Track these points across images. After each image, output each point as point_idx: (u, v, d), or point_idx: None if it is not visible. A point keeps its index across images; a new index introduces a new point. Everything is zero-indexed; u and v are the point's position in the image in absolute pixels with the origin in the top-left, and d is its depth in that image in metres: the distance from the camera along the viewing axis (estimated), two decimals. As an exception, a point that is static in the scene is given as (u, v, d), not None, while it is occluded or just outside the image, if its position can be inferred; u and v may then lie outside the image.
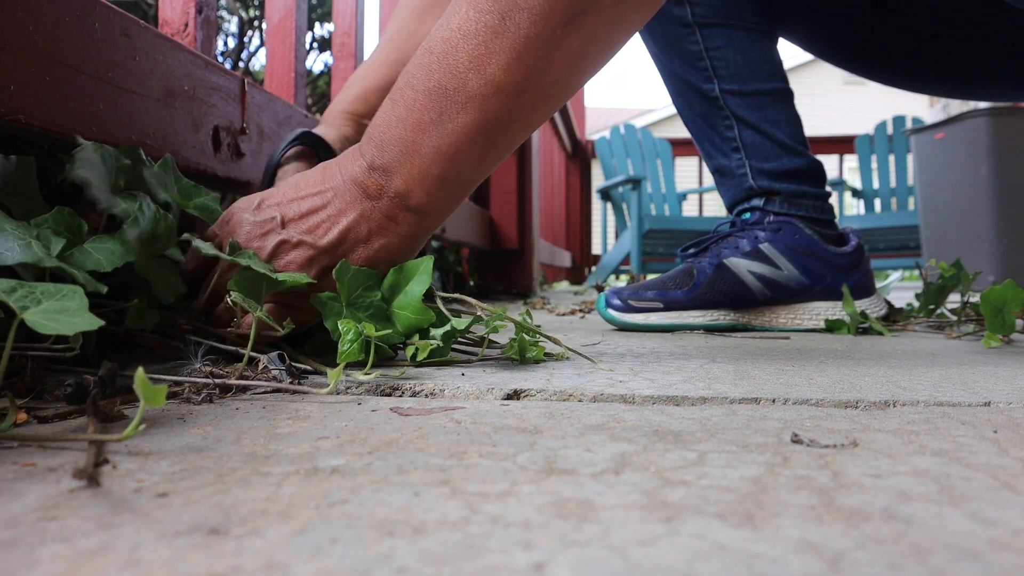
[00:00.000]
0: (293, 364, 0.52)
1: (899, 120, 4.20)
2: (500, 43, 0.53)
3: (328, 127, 0.83)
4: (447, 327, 0.58)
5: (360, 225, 0.57)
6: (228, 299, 0.53)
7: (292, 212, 0.57)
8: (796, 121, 1.06)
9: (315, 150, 0.78)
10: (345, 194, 0.57)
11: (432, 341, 0.56)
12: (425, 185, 0.56)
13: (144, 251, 0.54)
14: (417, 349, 0.56)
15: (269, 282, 0.53)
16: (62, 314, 0.36)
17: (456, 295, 0.64)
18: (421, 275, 0.58)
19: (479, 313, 0.62)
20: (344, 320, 0.53)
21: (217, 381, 0.46)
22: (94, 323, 0.36)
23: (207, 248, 0.53)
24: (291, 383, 0.48)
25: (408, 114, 0.56)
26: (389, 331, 0.55)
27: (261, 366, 0.50)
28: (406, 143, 0.56)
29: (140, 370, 0.29)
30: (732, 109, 1.04)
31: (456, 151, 0.55)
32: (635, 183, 3.63)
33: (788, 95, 1.06)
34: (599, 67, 0.58)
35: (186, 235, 0.57)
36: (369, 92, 0.86)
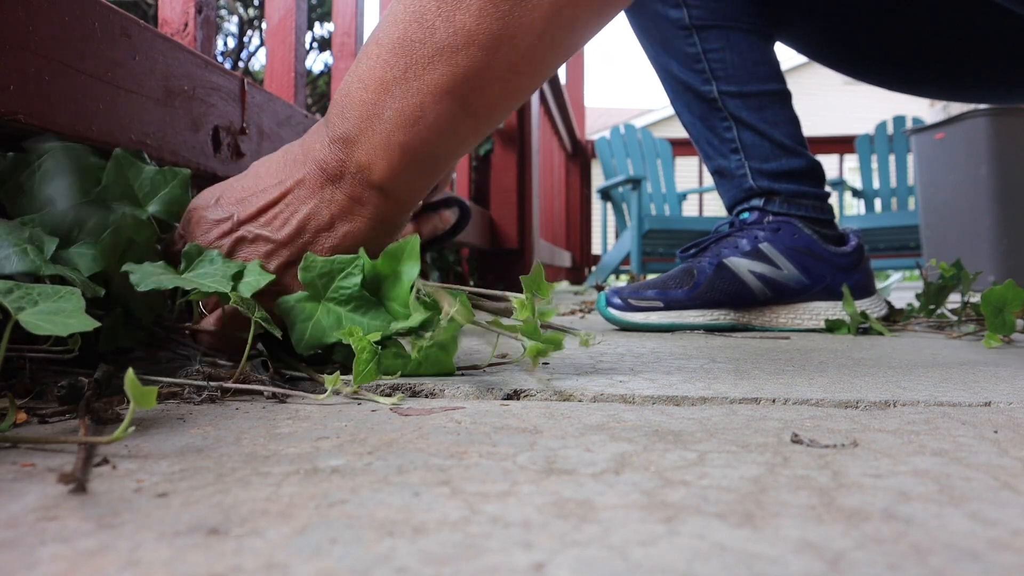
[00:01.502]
0: (282, 371, 0.51)
1: (899, 120, 4.20)
2: None
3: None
4: (434, 333, 0.49)
5: (321, 211, 0.52)
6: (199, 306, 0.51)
7: (248, 210, 0.53)
8: (795, 122, 1.06)
9: None
10: (305, 179, 0.52)
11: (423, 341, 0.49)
12: (388, 156, 0.50)
13: (109, 262, 0.50)
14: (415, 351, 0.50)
15: (241, 284, 0.49)
16: (58, 315, 0.36)
17: (480, 290, 0.57)
18: (408, 259, 0.51)
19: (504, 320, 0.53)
20: (358, 337, 0.46)
21: (213, 383, 0.46)
22: (90, 324, 0.36)
23: (167, 281, 0.47)
24: (277, 391, 0.46)
25: (371, 72, 0.50)
26: (381, 330, 0.49)
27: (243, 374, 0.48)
28: (367, 106, 0.50)
29: (130, 371, 0.29)
30: (731, 110, 1.04)
31: (421, 113, 0.49)
32: (635, 183, 3.63)
33: (786, 96, 1.06)
34: (588, 26, 0.51)
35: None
36: None
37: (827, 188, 1.07)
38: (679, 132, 1.21)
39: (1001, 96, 1.06)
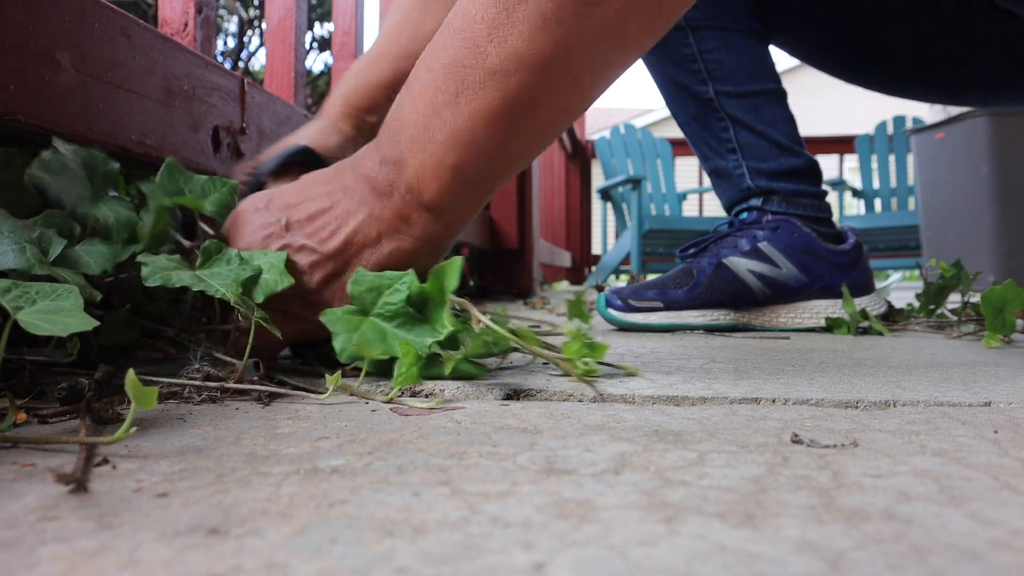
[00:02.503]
0: (272, 374, 0.52)
1: (899, 120, 4.20)
2: (522, 9, 0.46)
3: (328, 131, 0.75)
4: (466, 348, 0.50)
5: (369, 227, 0.52)
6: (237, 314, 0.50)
7: (298, 215, 0.53)
8: (791, 121, 1.06)
9: (308, 166, 0.69)
10: (355, 193, 0.53)
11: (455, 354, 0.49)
12: (439, 177, 0.51)
13: (120, 255, 0.51)
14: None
15: (257, 285, 0.50)
16: (56, 314, 0.36)
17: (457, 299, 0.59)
18: (449, 278, 0.51)
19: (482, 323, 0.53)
20: (403, 343, 0.47)
21: (213, 384, 0.46)
22: (88, 323, 0.36)
23: (176, 278, 0.47)
24: (276, 391, 0.46)
25: (422, 95, 0.50)
26: (431, 347, 0.49)
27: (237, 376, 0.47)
28: (418, 128, 0.50)
29: (131, 372, 0.29)
30: (727, 111, 1.04)
31: (473, 137, 0.49)
32: (635, 183, 3.63)
33: (782, 95, 1.06)
34: (639, 44, 0.50)
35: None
36: (373, 87, 0.78)
37: (824, 187, 1.07)
38: (679, 132, 1.21)
39: (996, 101, 1.06)
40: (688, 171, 5.03)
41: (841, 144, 4.34)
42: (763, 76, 1.05)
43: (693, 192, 4.39)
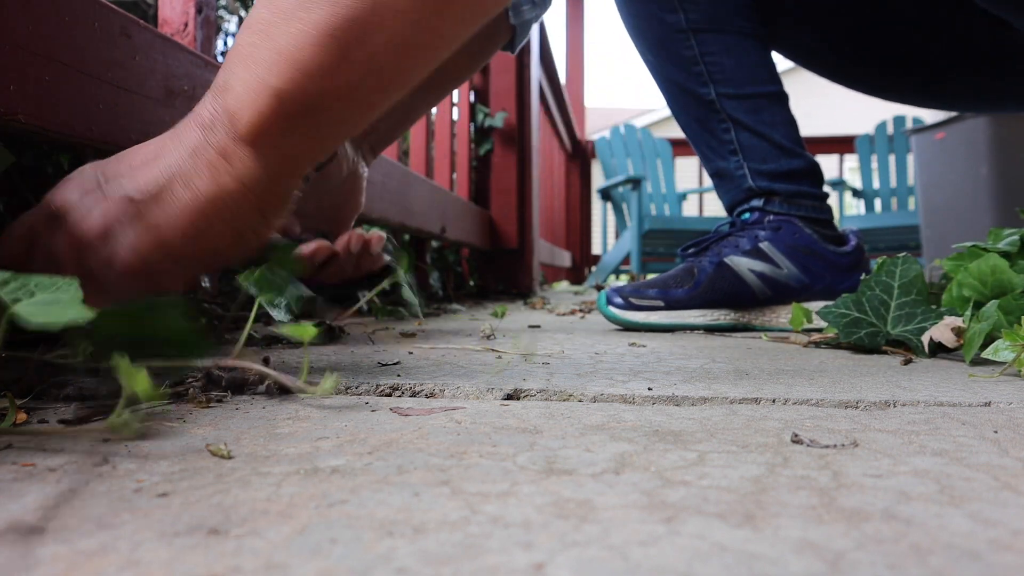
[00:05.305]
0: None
1: (899, 120, 4.20)
2: None
3: None
4: None
5: (185, 162, 0.45)
6: None
7: (117, 167, 0.46)
8: (792, 123, 1.07)
9: None
10: (181, 134, 0.46)
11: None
12: (258, 101, 0.44)
13: None
14: None
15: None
16: (53, 306, 0.36)
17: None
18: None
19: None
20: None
21: (221, 372, 0.45)
22: (85, 315, 0.35)
23: None
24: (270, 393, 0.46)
25: (255, 14, 0.45)
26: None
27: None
28: (245, 47, 0.45)
29: (124, 359, 0.28)
30: (729, 112, 1.05)
31: (299, 55, 0.44)
32: (635, 183, 3.63)
33: (784, 97, 1.07)
34: None
35: None
36: None
37: (826, 188, 1.08)
38: (679, 132, 1.21)
39: (992, 108, 1.06)
40: (688, 171, 5.03)
41: (841, 144, 4.34)
42: (764, 78, 1.06)
43: (693, 192, 4.39)
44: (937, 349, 0.69)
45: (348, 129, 0.49)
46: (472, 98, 2.19)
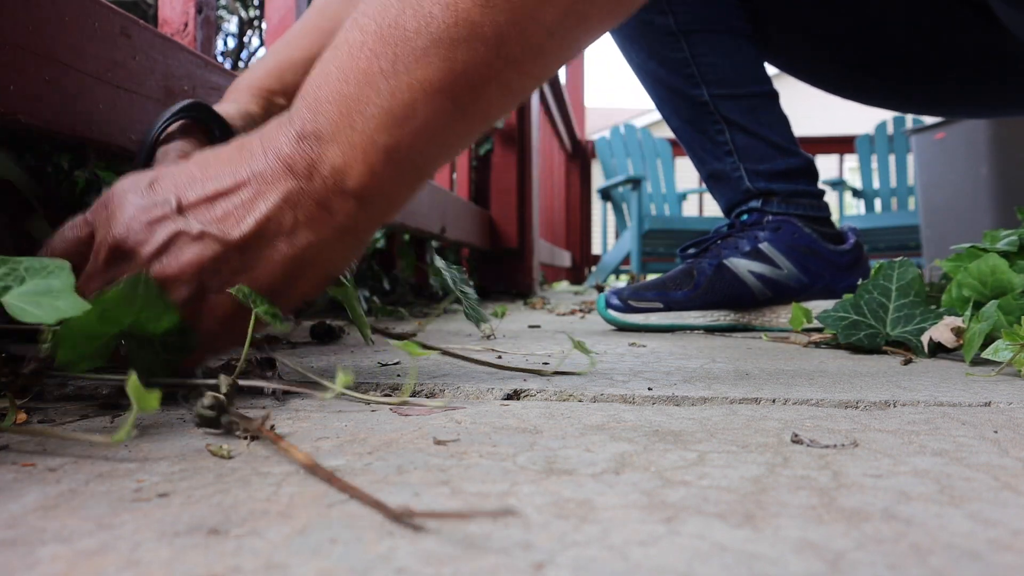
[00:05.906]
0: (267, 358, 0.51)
1: (899, 120, 4.20)
2: None
3: (228, 103, 0.63)
4: None
5: (283, 213, 0.43)
6: None
7: (194, 195, 0.43)
8: (784, 121, 1.07)
9: (208, 125, 0.57)
10: (266, 173, 0.43)
11: None
12: (368, 159, 0.43)
13: None
14: None
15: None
16: (45, 296, 0.33)
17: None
18: None
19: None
20: None
21: (211, 381, 0.45)
22: (79, 306, 0.34)
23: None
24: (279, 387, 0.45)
25: (352, 62, 0.43)
26: None
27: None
28: (347, 100, 0.43)
29: (133, 376, 0.28)
30: (723, 113, 1.04)
31: (411, 114, 0.42)
32: (635, 183, 3.63)
33: (775, 96, 1.07)
34: (601, 24, 0.45)
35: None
36: (285, 65, 0.65)
37: (822, 186, 1.08)
38: (679, 132, 1.20)
39: (986, 113, 1.06)
40: (688, 171, 5.01)
41: (841, 144, 4.34)
42: (757, 78, 1.06)
43: (693, 192, 4.39)
44: (937, 349, 0.69)
45: (438, 168, 0.49)
46: (472, 98, 2.19)
